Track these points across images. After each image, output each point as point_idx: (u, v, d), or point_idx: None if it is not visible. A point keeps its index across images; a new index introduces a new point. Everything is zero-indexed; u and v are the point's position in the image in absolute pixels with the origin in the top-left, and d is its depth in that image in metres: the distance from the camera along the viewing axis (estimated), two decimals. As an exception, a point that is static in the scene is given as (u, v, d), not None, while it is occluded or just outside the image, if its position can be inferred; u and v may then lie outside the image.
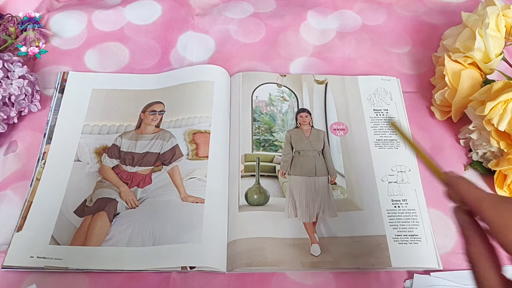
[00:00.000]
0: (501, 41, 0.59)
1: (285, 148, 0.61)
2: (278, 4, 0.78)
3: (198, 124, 0.62)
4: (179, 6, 0.76)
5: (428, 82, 0.68)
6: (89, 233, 0.53)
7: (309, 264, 0.51)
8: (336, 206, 0.56)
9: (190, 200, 0.55)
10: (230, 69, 0.69)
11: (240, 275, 0.51)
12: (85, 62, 0.70)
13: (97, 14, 0.74)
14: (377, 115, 0.64)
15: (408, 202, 0.56)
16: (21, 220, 0.54)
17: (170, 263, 0.51)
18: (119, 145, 0.61)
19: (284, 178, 0.59)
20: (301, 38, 0.74)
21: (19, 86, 0.59)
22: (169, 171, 0.59)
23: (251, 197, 0.57)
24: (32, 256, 0.51)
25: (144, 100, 0.65)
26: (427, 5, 0.79)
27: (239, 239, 0.53)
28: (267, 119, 0.64)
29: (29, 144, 0.60)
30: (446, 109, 0.63)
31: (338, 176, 0.59)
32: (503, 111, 0.52)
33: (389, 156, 0.60)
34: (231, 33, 0.74)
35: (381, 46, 0.73)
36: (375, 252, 0.52)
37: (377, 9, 0.78)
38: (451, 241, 0.54)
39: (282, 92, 0.67)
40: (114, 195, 0.57)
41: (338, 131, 0.63)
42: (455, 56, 0.60)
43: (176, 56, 0.71)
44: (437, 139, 0.63)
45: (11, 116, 0.60)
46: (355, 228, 0.54)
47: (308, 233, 0.54)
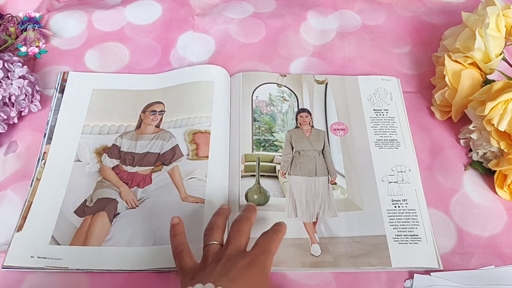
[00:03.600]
0: (501, 41, 0.59)
1: (285, 148, 0.61)
2: (278, 4, 0.78)
3: (198, 124, 0.62)
4: (179, 6, 0.76)
5: (428, 82, 0.68)
6: (89, 233, 0.53)
7: (309, 264, 0.51)
8: (336, 206, 0.56)
9: (190, 200, 0.56)
10: (230, 69, 0.69)
11: (240, 275, 0.51)
12: (85, 62, 0.70)
13: (97, 14, 0.74)
14: (377, 115, 0.64)
15: (408, 202, 0.56)
16: (21, 220, 0.54)
17: (170, 263, 0.50)
18: (119, 145, 0.61)
19: (284, 178, 0.59)
20: (301, 38, 0.74)
21: (19, 86, 0.59)
22: (169, 171, 0.59)
23: (251, 197, 0.57)
24: (32, 256, 0.51)
25: (144, 100, 0.65)
26: (427, 5, 0.79)
27: (239, 239, 0.53)
28: (267, 119, 0.64)
29: (29, 144, 0.60)
30: (446, 109, 0.63)
31: (338, 176, 0.59)
32: (503, 111, 0.52)
33: (389, 156, 0.60)
34: (231, 33, 0.74)
35: (381, 46, 0.73)
36: (375, 252, 0.52)
37: (377, 9, 0.78)
38: (451, 241, 0.54)
39: (282, 92, 0.67)
40: (114, 195, 0.57)
41: (338, 131, 0.63)
42: (455, 56, 0.60)
43: (176, 56, 0.71)
44: (437, 139, 0.63)
45: (11, 116, 0.60)
46: (355, 228, 0.54)
47: (308, 233, 0.54)
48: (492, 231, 0.55)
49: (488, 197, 0.57)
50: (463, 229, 0.55)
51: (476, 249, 0.54)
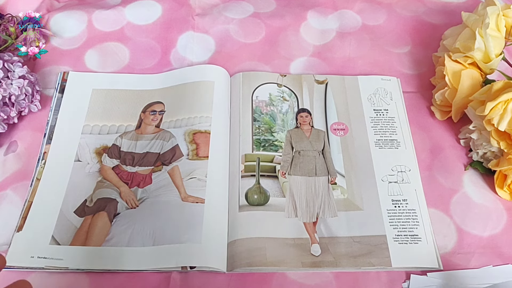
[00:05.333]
0: (501, 41, 0.59)
1: (285, 148, 0.61)
2: (278, 4, 0.78)
3: (198, 124, 0.62)
4: (179, 6, 0.76)
5: (428, 82, 0.68)
6: (90, 233, 0.53)
7: (309, 264, 0.51)
8: (336, 206, 0.56)
9: (190, 200, 0.56)
10: (230, 69, 0.69)
11: (240, 275, 0.51)
12: (85, 62, 0.70)
13: (97, 14, 0.74)
14: (377, 115, 0.64)
15: (408, 202, 0.56)
16: (21, 220, 0.54)
17: (170, 263, 0.51)
18: (119, 145, 0.61)
19: (284, 178, 0.59)
20: (301, 38, 0.74)
21: (19, 86, 0.59)
22: (169, 171, 0.59)
23: (251, 197, 0.57)
24: (32, 256, 0.51)
25: (144, 100, 0.65)
26: (427, 5, 0.79)
27: (239, 239, 0.53)
28: (267, 119, 0.64)
29: (29, 144, 0.60)
30: (446, 109, 0.63)
31: (338, 176, 0.59)
32: (503, 111, 0.52)
33: (389, 156, 0.60)
34: (231, 33, 0.74)
35: (381, 46, 0.73)
36: (375, 252, 0.52)
37: (377, 9, 0.78)
38: (451, 241, 0.54)
39: (282, 92, 0.67)
40: (114, 195, 0.57)
41: (338, 131, 0.63)
42: (455, 56, 0.60)
43: (176, 56, 0.71)
44: (437, 139, 0.63)
45: (11, 116, 0.60)
46: (355, 228, 0.54)
47: (308, 233, 0.54)
48: (492, 231, 0.55)
49: (488, 197, 0.58)
50: (463, 229, 0.55)
51: (476, 249, 0.54)
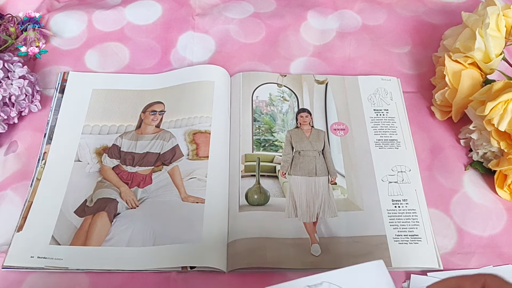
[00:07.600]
0: (501, 41, 0.59)
1: (286, 148, 0.61)
2: (278, 4, 0.78)
3: (198, 124, 0.62)
4: (179, 6, 0.76)
5: (429, 82, 0.68)
6: (90, 233, 0.53)
7: (309, 264, 0.51)
8: (336, 206, 0.56)
9: (190, 200, 0.56)
10: (230, 69, 0.69)
11: (240, 275, 0.51)
12: (85, 62, 0.70)
13: (97, 14, 0.74)
14: (378, 115, 0.64)
15: (408, 202, 0.56)
16: (21, 220, 0.54)
17: (170, 263, 0.51)
18: (119, 145, 0.61)
19: (285, 178, 0.59)
20: (301, 38, 0.74)
21: (19, 86, 0.59)
22: (169, 171, 0.59)
23: (251, 197, 0.57)
24: (32, 256, 0.51)
25: (144, 100, 0.65)
26: (427, 5, 0.79)
27: (239, 239, 0.53)
28: (267, 119, 0.64)
29: (30, 144, 0.60)
30: (446, 109, 0.63)
31: (338, 176, 0.59)
32: (503, 111, 0.52)
33: (390, 156, 0.60)
34: (231, 33, 0.74)
35: (381, 46, 0.73)
36: (375, 252, 0.52)
37: (377, 9, 0.78)
38: (451, 241, 0.54)
39: (282, 92, 0.67)
40: (114, 195, 0.57)
41: (338, 131, 0.63)
42: (455, 56, 0.60)
43: (176, 56, 0.71)
44: (437, 139, 0.63)
45: (12, 116, 0.60)
46: (355, 228, 0.54)
47: (309, 233, 0.54)
48: (492, 231, 0.55)
49: (488, 197, 0.57)
50: (463, 229, 0.55)
51: (476, 249, 0.54)
